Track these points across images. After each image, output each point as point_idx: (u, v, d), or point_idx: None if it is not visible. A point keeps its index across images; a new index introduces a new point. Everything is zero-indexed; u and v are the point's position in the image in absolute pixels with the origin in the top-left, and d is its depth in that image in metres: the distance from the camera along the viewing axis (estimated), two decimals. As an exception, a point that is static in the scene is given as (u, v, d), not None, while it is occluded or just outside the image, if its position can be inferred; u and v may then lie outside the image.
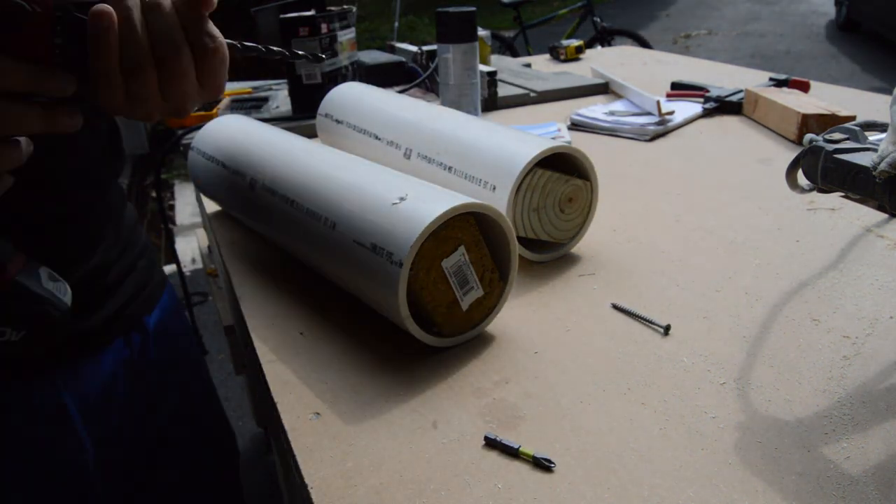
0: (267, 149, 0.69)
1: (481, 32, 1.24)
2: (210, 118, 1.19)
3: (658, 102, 1.07)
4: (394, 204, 0.52)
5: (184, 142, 1.07)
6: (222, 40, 0.45)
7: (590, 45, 3.93)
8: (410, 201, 0.52)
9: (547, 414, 0.47)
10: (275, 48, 0.51)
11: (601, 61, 1.61)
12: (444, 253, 0.52)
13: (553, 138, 1.00)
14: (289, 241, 0.64)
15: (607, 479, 0.41)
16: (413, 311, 0.52)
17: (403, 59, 1.39)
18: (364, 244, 0.53)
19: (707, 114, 1.14)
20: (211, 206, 0.86)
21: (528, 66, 1.55)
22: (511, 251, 0.56)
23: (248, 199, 0.68)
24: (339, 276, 0.59)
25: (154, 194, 3.54)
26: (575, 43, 1.70)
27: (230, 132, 0.75)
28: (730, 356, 0.52)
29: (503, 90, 1.28)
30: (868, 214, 0.73)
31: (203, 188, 0.78)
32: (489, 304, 0.56)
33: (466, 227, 0.53)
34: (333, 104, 0.90)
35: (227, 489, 0.80)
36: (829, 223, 0.72)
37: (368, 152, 0.82)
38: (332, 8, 1.18)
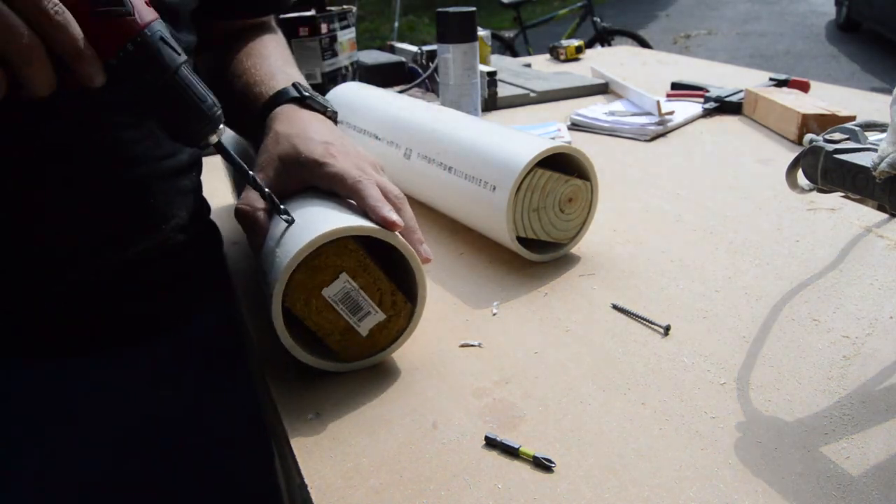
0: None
1: (481, 32, 1.24)
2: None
3: (658, 102, 1.07)
4: (282, 228, 0.52)
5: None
6: None
7: (590, 45, 3.93)
8: (293, 229, 0.51)
9: (547, 414, 0.47)
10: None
11: (601, 61, 1.61)
12: (322, 282, 0.49)
13: (553, 138, 1.00)
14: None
15: (607, 479, 0.41)
16: (311, 338, 0.51)
17: (403, 59, 1.39)
18: (260, 271, 0.53)
19: (707, 114, 1.14)
20: (211, 206, 0.86)
21: (528, 66, 1.55)
22: (415, 269, 0.52)
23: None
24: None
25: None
26: (575, 43, 1.70)
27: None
28: (730, 356, 0.52)
29: (503, 90, 1.28)
30: (868, 214, 0.73)
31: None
32: (397, 327, 0.53)
33: (346, 252, 0.49)
34: (333, 104, 0.90)
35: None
36: (829, 223, 0.72)
37: (368, 152, 0.82)
38: (332, 8, 1.18)
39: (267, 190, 0.53)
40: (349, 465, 0.43)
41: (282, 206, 0.52)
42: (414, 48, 1.41)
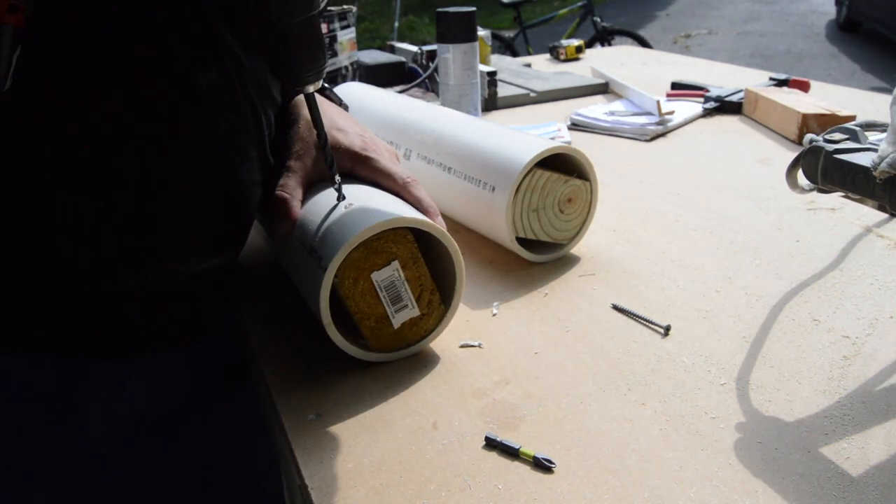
0: None
1: (481, 32, 1.24)
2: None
3: (658, 102, 1.07)
4: (333, 207, 0.53)
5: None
6: None
7: (590, 45, 3.93)
8: (352, 210, 0.52)
9: (547, 414, 0.47)
10: None
11: (601, 61, 1.61)
12: (374, 265, 0.50)
13: (553, 138, 1.00)
14: (266, 237, 0.64)
15: (607, 480, 0.41)
16: (345, 320, 0.51)
17: (403, 59, 1.39)
18: (305, 246, 0.53)
19: (707, 114, 1.14)
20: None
21: (528, 66, 1.55)
22: (457, 275, 0.54)
23: None
24: (289, 275, 0.59)
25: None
26: (575, 43, 1.70)
27: None
28: (730, 356, 0.52)
29: (503, 90, 1.28)
30: (868, 214, 0.73)
31: None
32: (427, 326, 0.54)
33: (403, 242, 0.51)
34: (333, 104, 0.90)
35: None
36: (829, 223, 0.72)
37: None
38: (332, 8, 1.18)
39: (337, 175, 0.54)
40: (349, 465, 0.43)
41: (341, 189, 0.54)
42: (414, 48, 1.41)
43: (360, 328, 0.52)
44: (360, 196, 0.54)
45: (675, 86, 1.27)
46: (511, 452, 0.43)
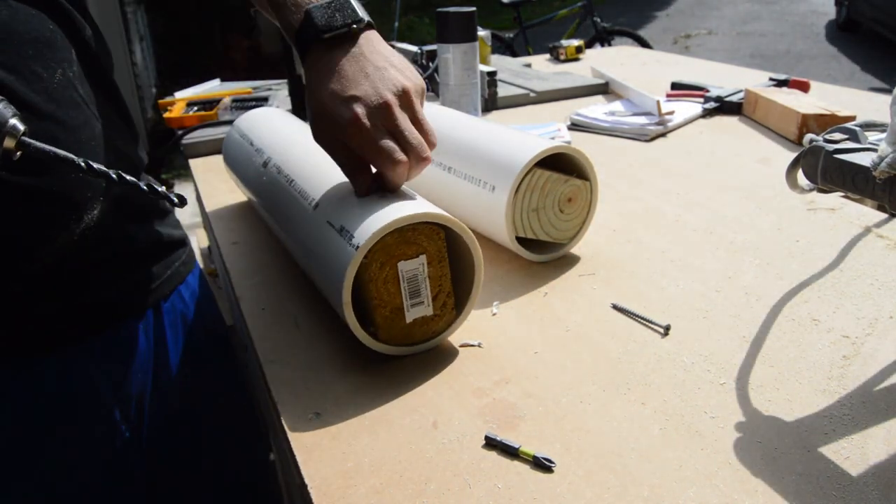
0: (284, 133, 0.72)
1: (481, 32, 1.24)
2: (209, 118, 1.19)
3: (658, 102, 1.07)
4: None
5: (184, 142, 1.07)
6: None
7: (590, 45, 3.93)
8: (391, 196, 0.52)
9: (547, 414, 0.47)
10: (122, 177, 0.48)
11: (601, 61, 1.61)
12: (404, 254, 0.51)
13: (553, 138, 1.00)
14: (278, 220, 0.65)
15: (607, 479, 0.41)
16: (357, 307, 0.51)
17: (403, 59, 1.39)
18: (334, 225, 0.53)
19: (707, 114, 1.14)
20: (211, 206, 0.86)
21: (528, 66, 1.55)
22: (475, 284, 0.54)
23: (260, 176, 0.69)
24: (302, 255, 0.59)
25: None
26: (575, 43, 1.70)
27: (267, 118, 0.79)
28: (730, 356, 0.52)
29: (503, 90, 1.28)
30: (868, 214, 0.73)
31: (228, 161, 0.81)
32: (435, 328, 0.54)
33: (434, 239, 0.52)
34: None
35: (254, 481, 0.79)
36: (829, 223, 0.72)
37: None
38: (332, 8, 1.18)
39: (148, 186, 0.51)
40: (349, 464, 0.43)
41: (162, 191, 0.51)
42: (414, 48, 1.41)
43: (373, 315, 0.52)
44: (406, 190, 0.55)
45: (674, 86, 1.28)
46: (511, 452, 0.43)
